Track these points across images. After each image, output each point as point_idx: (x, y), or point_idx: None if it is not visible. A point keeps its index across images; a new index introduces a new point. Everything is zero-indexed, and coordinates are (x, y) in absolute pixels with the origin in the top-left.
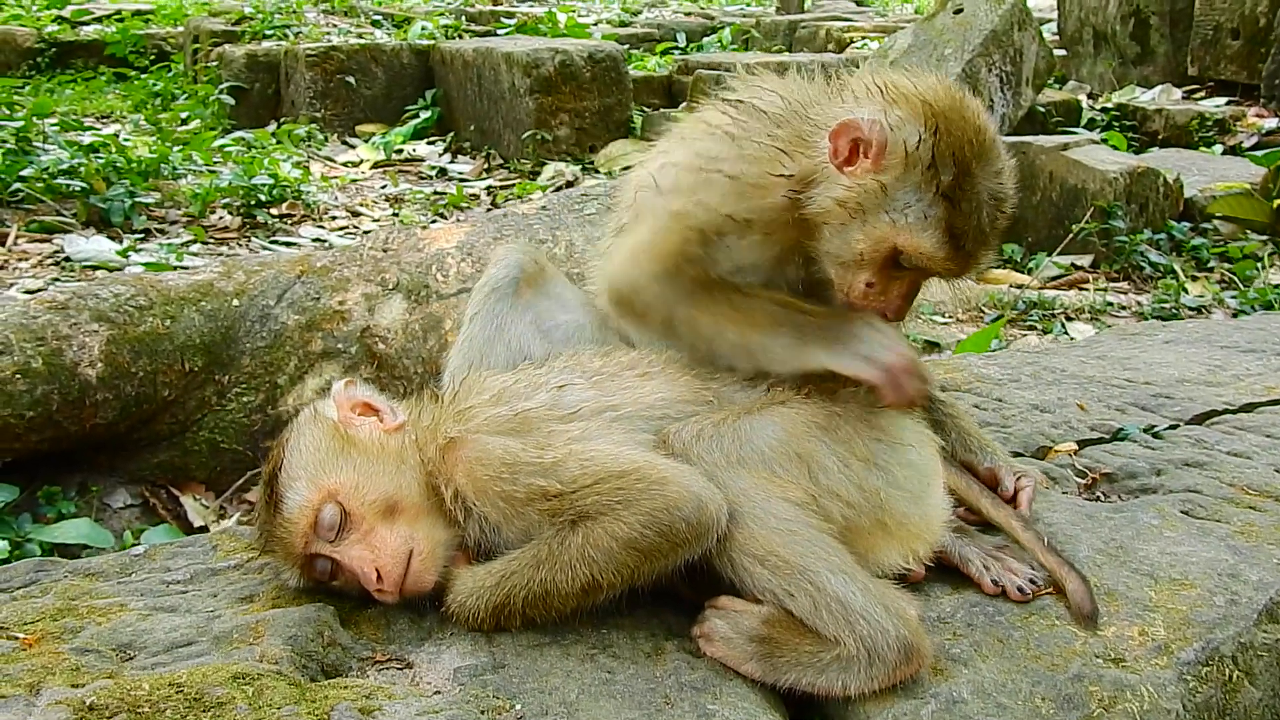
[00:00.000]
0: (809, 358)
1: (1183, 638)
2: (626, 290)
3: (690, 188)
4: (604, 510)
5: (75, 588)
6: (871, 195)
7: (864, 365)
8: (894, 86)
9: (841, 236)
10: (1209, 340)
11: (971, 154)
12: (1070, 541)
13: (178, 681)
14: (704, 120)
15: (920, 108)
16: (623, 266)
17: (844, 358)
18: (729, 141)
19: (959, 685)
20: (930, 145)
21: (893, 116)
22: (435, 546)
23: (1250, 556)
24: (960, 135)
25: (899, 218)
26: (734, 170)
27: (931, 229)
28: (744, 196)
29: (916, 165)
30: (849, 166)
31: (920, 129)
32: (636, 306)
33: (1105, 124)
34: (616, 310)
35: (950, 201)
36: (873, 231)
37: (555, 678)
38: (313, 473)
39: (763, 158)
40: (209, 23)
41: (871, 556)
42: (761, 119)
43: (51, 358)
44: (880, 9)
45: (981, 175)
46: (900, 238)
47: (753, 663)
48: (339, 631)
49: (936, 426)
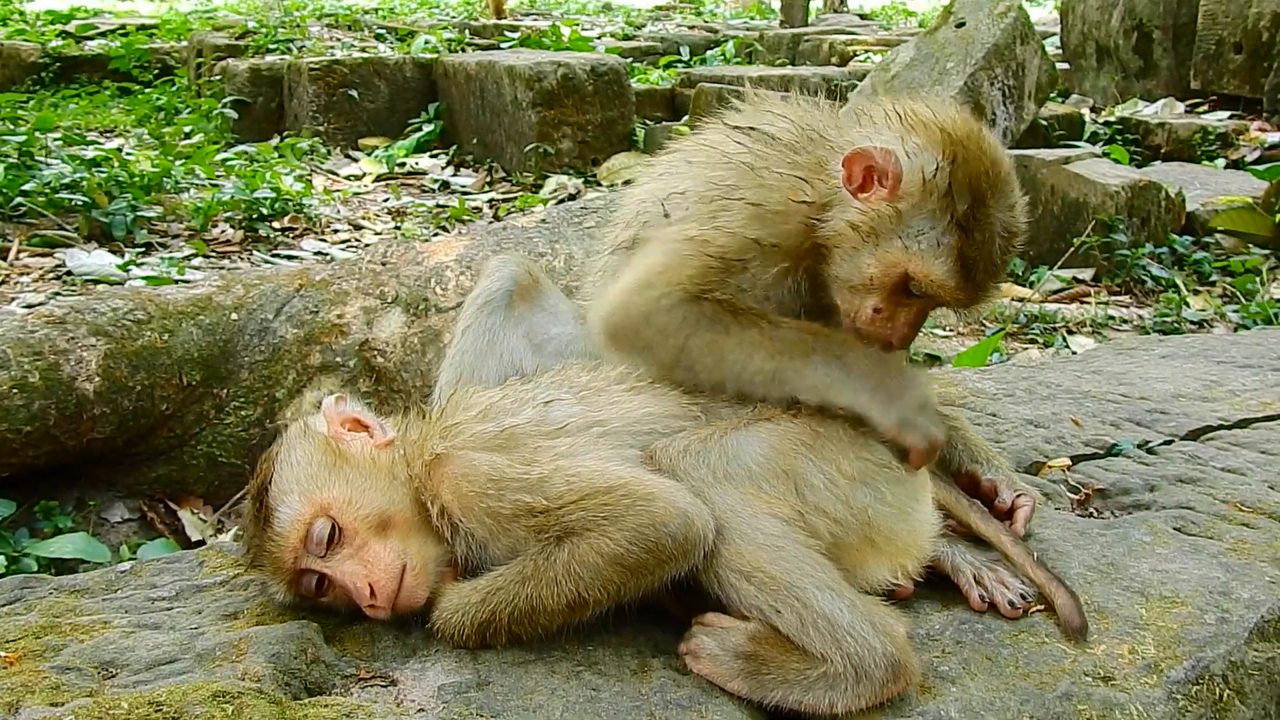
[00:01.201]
0: (849, 398)
1: (1173, 656)
2: (633, 320)
3: (709, 214)
4: (590, 526)
5: (59, 605)
6: (885, 221)
7: (910, 432)
8: (912, 113)
9: (852, 260)
10: (1206, 355)
11: (987, 185)
12: (1061, 558)
13: (157, 700)
14: (713, 146)
15: (939, 136)
16: (629, 296)
17: (890, 415)
18: (747, 172)
19: (947, 704)
20: (947, 174)
21: (910, 144)
22: (427, 562)
23: (1242, 574)
24: (977, 166)
25: (911, 244)
26: (756, 199)
27: (944, 257)
28: (767, 222)
29: (932, 193)
30: (863, 193)
31: (938, 157)
32: (644, 336)
33: (1108, 138)
34: (613, 344)
35: (964, 231)
36: (884, 256)
37: (540, 695)
38: (305, 487)
39: (784, 186)
40: (213, 37)
41: (859, 572)
42: (777, 147)
43: (49, 372)
44: (884, 23)
45: (995, 207)
46: (912, 264)
47: (739, 680)
48: (323, 648)
49: None
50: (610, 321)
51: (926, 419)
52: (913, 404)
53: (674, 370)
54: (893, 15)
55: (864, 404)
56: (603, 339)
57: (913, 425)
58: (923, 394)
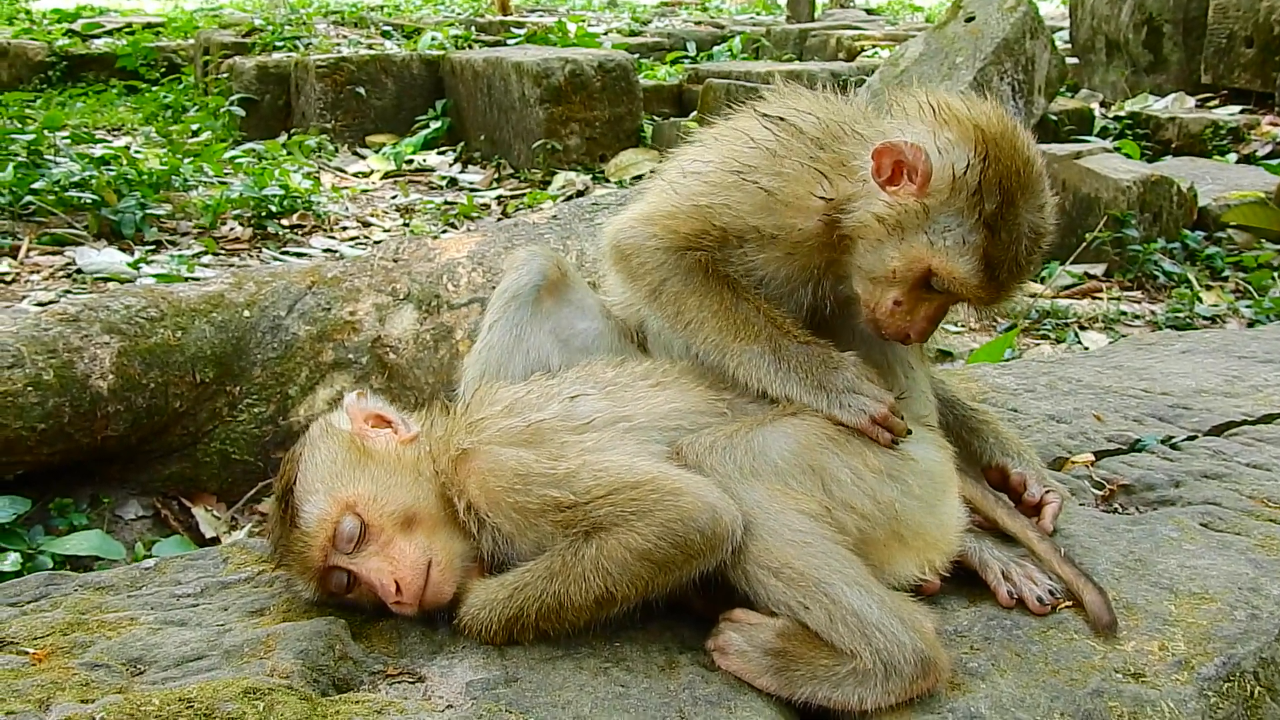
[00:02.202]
0: (782, 385)
1: (1203, 653)
2: (629, 246)
3: (721, 186)
4: (618, 521)
5: (85, 601)
6: (912, 215)
7: (844, 411)
8: (946, 107)
9: (876, 253)
10: (1226, 350)
11: (1018, 185)
12: (1088, 554)
13: (188, 696)
14: (741, 130)
15: (972, 132)
16: (632, 223)
17: (822, 401)
18: (769, 156)
19: (976, 700)
20: (978, 171)
21: (942, 139)
22: (453, 558)
23: (1271, 570)
24: (1009, 165)
25: (937, 240)
26: (770, 185)
27: (969, 255)
28: (774, 213)
29: (962, 190)
30: (891, 185)
31: (970, 154)
32: (633, 264)
33: (1118, 132)
34: (611, 261)
35: (991, 230)
36: (909, 250)
37: (568, 691)
38: (330, 485)
39: (801, 178)
40: (219, 35)
41: (887, 568)
42: (803, 140)
43: (63, 370)
44: (891, 17)
45: (1024, 207)
46: (936, 260)
47: (768, 676)
48: (350, 645)
49: (973, 433)
50: (614, 242)
51: (858, 397)
52: (840, 387)
53: (648, 306)
54: (899, 10)
55: (797, 393)
56: (606, 256)
57: (844, 406)
58: (848, 376)
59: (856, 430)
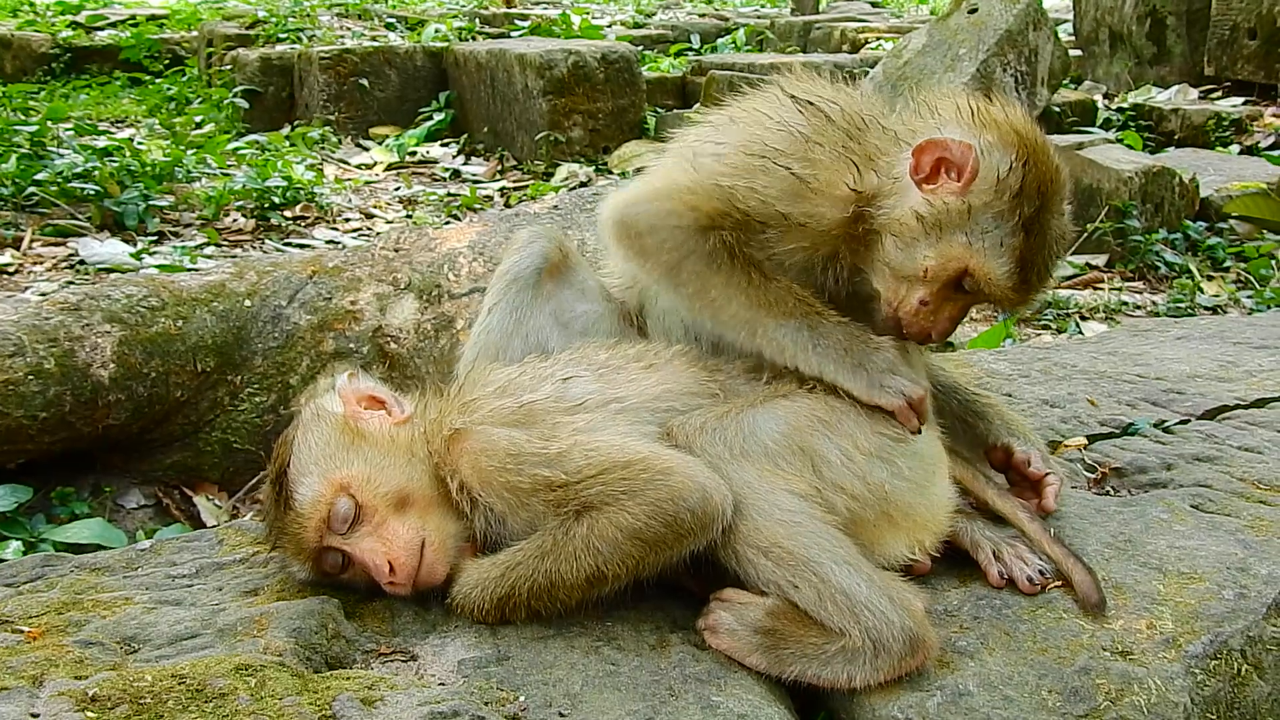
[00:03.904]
0: (816, 364)
1: (1191, 631)
2: (641, 223)
3: (746, 169)
4: (609, 500)
5: (81, 582)
6: (954, 215)
7: (881, 393)
8: (985, 111)
9: (908, 250)
10: (1222, 337)
11: (1051, 190)
12: (1079, 535)
13: (180, 673)
14: (764, 111)
15: (1012, 137)
16: (643, 199)
17: (859, 381)
18: (800, 141)
19: (965, 678)
20: (1020, 175)
21: (984, 141)
22: (446, 538)
23: (1260, 550)
24: (1045, 170)
25: (976, 241)
26: (801, 171)
27: (1006, 256)
28: (802, 199)
29: (1005, 193)
30: (929, 184)
31: (1011, 157)
32: (645, 242)
33: (1121, 124)
34: (615, 238)
35: (1027, 233)
36: (947, 250)
37: (559, 670)
38: (324, 467)
39: (834, 166)
40: (223, 27)
41: (877, 548)
42: (834, 128)
43: (64, 359)
44: (896, 10)
45: (1054, 212)
46: (974, 260)
47: (758, 655)
48: (343, 624)
49: (979, 416)
50: (621, 216)
51: (897, 379)
52: (880, 368)
53: (663, 283)
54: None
55: (832, 372)
56: (609, 230)
57: (883, 387)
58: (889, 358)
59: (888, 413)
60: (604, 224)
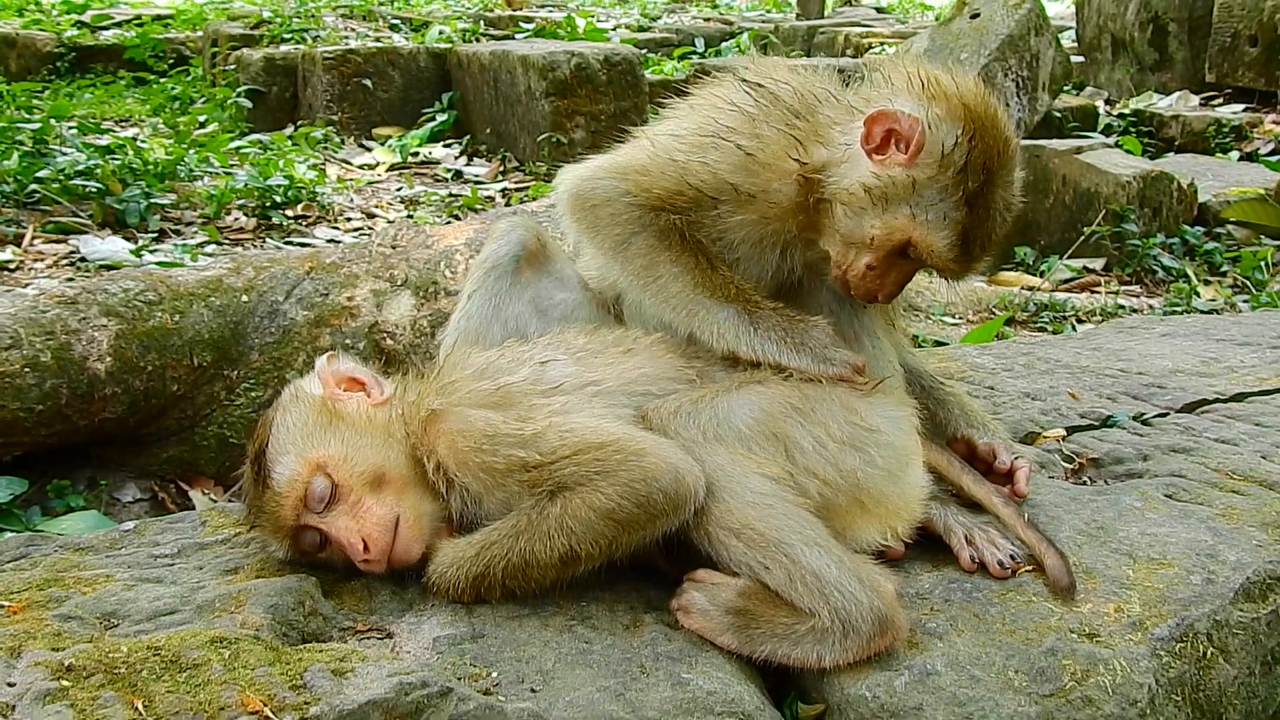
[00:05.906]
0: (759, 347)
1: (1158, 614)
2: (595, 197)
3: (700, 147)
4: (582, 481)
5: (64, 560)
6: (899, 188)
7: (828, 366)
8: (935, 81)
9: (856, 219)
10: (1206, 334)
11: (997, 164)
12: (1053, 522)
13: (156, 645)
14: (718, 94)
15: (959, 109)
16: (598, 174)
17: (805, 358)
18: (746, 118)
19: (933, 658)
20: (965, 150)
21: (932, 114)
22: (421, 517)
23: (1230, 538)
24: (992, 144)
25: (920, 213)
26: (747, 145)
27: (948, 230)
28: (751, 173)
29: (949, 168)
30: (879, 154)
31: (958, 132)
32: (597, 215)
33: (1122, 130)
34: (570, 210)
35: (970, 207)
36: (891, 221)
37: (533, 647)
38: (301, 447)
39: (779, 140)
40: (227, 27)
41: (850, 534)
42: (780, 106)
43: (60, 352)
44: (901, 15)
45: (1000, 184)
46: (916, 233)
47: (729, 634)
48: (321, 602)
49: (940, 404)
50: (576, 190)
51: (839, 351)
52: (821, 343)
53: (611, 258)
54: (909, 9)
55: (775, 353)
56: (564, 202)
57: (828, 360)
58: (826, 334)
59: (839, 381)
60: (559, 196)
